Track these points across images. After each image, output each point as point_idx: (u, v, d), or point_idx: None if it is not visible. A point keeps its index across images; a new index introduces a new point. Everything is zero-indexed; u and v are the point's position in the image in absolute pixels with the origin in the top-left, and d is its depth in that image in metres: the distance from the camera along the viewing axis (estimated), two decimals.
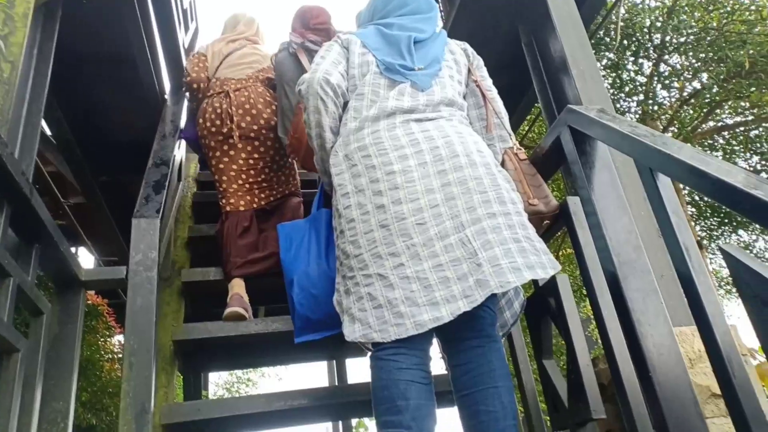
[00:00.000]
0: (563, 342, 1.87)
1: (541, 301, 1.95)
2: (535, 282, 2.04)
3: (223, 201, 2.78)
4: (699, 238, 6.63)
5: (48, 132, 3.70)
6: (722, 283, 8.54)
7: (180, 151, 3.35)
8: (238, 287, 2.58)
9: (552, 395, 1.89)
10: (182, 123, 3.20)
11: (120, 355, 5.98)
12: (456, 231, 1.51)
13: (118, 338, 5.98)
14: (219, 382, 15.14)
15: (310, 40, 2.63)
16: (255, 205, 2.76)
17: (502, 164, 1.83)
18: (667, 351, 1.39)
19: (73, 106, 3.33)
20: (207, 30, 6.77)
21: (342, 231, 1.65)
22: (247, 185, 2.77)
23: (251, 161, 2.79)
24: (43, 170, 4.35)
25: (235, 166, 2.77)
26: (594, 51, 5.64)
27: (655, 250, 1.84)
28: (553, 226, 1.95)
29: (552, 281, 1.87)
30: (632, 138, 1.40)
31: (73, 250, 7.48)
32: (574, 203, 1.76)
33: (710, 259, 7.92)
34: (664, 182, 1.38)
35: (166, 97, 3.36)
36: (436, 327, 1.45)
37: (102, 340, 5.54)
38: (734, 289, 8.67)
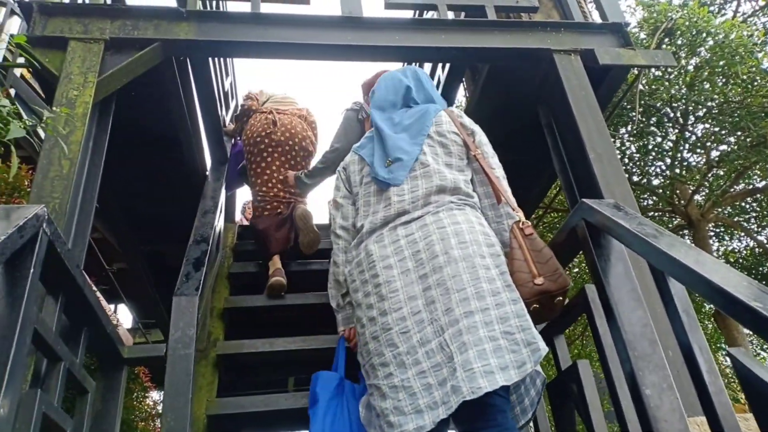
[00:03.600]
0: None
1: (564, 386, 1.98)
2: (557, 364, 2.08)
3: (261, 206, 3.47)
4: None
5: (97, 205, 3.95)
6: None
7: (219, 222, 3.53)
8: (277, 262, 3.29)
9: None
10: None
11: (152, 412, 6.07)
12: (436, 335, 1.56)
13: (153, 395, 6.08)
14: None
15: None
16: (278, 211, 3.44)
17: (509, 241, 1.80)
18: None
19: (121, 183, 3.55)
20: None
21: (357, 342, 1.81)
22: (275, 190, 3.44)
23: (282, 170, 3.45)
24: (90, 238, 4.58)
25: (268, 171, 3.44)
26: (617, 120, 5.74)
27: (673, 341, 1.86)
28: (573, 312, 2.01)
29: (573, 367, 1.91)
30: (641, 238, 1.47)
31: (112, 307, 7.74)
32: (593, 291, 1.82)
33: None
34: (675, 284, 1.44)
35: (207, 173, 3.56)
36: (453, 418, 1.50)
37: (137, 401, 5.66)
38: None
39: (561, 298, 1.73)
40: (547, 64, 2.68)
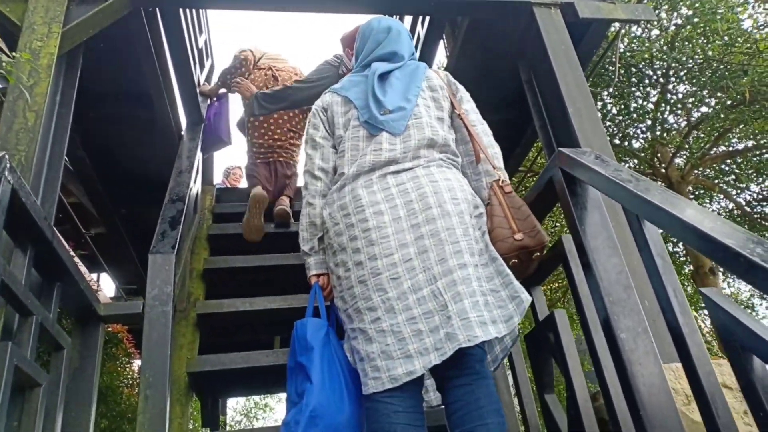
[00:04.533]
0: None
1: (541, 336, 2.00)
2: (534, 315, 2.10)
3: (256, 154, 3.72)
4: (713, 265, 6.61)
5: (70, 167, 3.86)
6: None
7: (196, 184, 3.48)
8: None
9: (553, 430, 1.93)
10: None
11: (138, 379, 6.05)
12: (428, 283, 1.55)
13: (138, 363, 6.06)
14: (237, 408, 15.14)
15: None
16: (271, 159, 3.70)
17: (489, 201, 1.82)
18: (658, 390, 1.44)
19: (94, 143, 3.47)
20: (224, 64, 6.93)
21: (333, 286, 1.77)
22: (271, 141, 3.70)
23: (280, 121, 3.71)
24: (66, 202, 4.50)
25: (266, 124, 3.69)
26: (598, 81, 5.71)
27: (650, 291, 1.88)
28: (550, 263, 2.01)
29: (550, 316, 1.92)
30: (616, 183, 1.46)
31: (95, 276, 7.65)
32: (569, 241, 1.82)
33: (727, 282, 7.90)
34: (650, 228, 1.44)
35: (183, 133, 3.49)
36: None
37: (121, 366, 5.65)
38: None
39: (539, 253, 1.77)
40: (527, 17, 2.63)
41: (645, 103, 5.74)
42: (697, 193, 7.83)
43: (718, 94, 5.04)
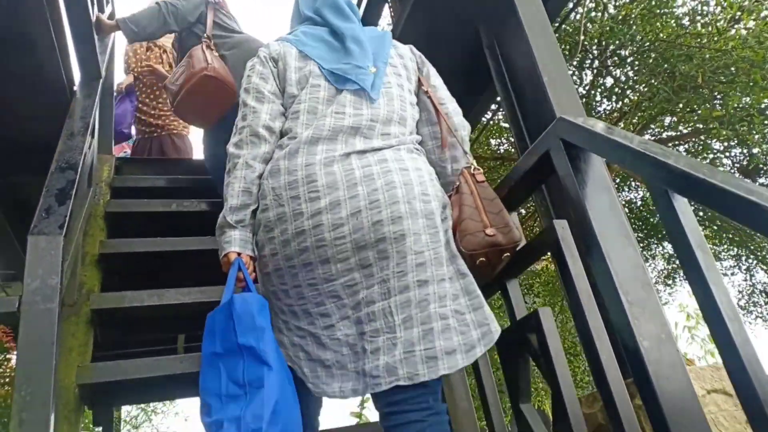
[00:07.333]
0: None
1: (520, 338, 1.71)
2: (510, 313, 1.81)
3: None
4: None
5: None
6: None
7: (91, 151, 2.90)
8: None
9: None
10: None
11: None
12: (382, 298, 1.36)
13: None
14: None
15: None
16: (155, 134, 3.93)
17: (457, 188, 1.58)
18: (689, 410, 1.19)
19: None
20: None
21: (268, 274, 1.48)
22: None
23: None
24: None
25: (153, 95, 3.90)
26: None
27: None
28: (534, 253, 1.73)
29: (534, 315, 1.64)
30: (647, 156, 1.18)
31: None
32: (562, 228, 1.54)
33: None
34: (681, 205, 1.17)
35: (75, 89, 2.89)
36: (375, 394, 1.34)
37: None
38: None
39: (509, 254, 1.55)
40: None
41: (577, 87, 5.63)
42: (617, 181, 7.98)
43: (660, 80, 4.93)
